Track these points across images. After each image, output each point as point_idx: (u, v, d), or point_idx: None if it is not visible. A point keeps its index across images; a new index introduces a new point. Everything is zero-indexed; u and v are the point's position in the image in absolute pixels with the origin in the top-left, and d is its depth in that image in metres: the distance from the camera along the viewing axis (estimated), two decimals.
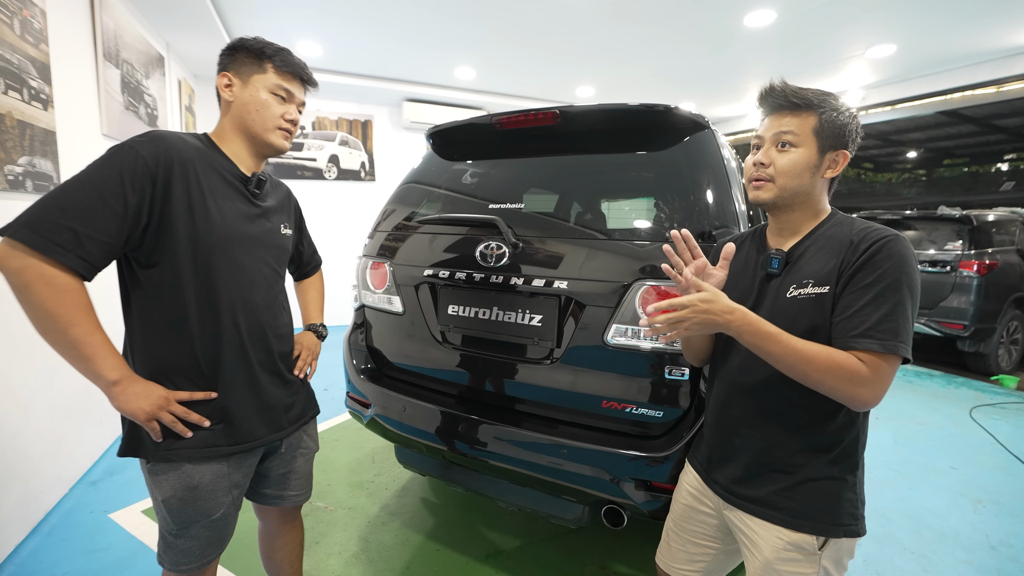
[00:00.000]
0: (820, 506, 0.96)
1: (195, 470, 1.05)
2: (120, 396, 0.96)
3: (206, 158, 1.06)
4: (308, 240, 1.49)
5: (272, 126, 1.12)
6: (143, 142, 0.97)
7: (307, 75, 1.17)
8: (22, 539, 1.97)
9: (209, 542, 1.10)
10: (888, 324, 0.86)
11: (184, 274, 1.02)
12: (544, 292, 1.54)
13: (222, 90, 1.11)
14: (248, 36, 1.12)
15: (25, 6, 2.02)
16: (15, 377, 1.94)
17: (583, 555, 1.96)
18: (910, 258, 0.89)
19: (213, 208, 1.04)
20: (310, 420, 1.33)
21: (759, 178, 1.00)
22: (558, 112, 1.64)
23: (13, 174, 1.92)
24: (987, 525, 2.21)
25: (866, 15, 3.81)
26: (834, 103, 0.96)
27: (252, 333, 1.11)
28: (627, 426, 1.46)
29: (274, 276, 1.19)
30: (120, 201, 0.92)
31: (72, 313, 0.90)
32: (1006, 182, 9.64)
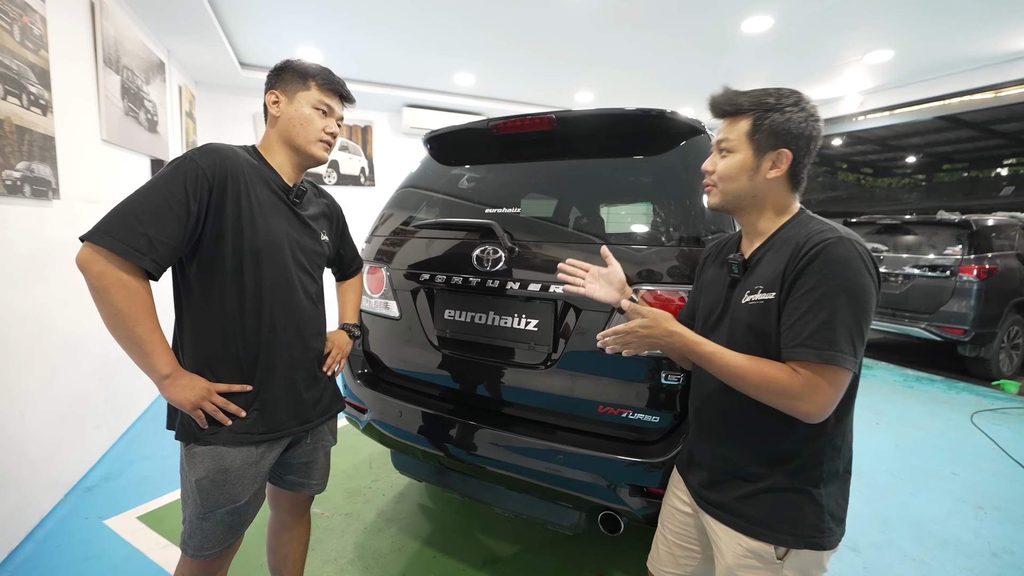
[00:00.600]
0: (778, 516, 0.95)
1: (228, 453, 1.13)
2: (170, 388, 1.05)
3: (255, 169, 1.15)
4: (350, 245, 1.56)
5: (315, 138, 1.21)
6: (202, 154, 1.07)
7: (346, 92, 1.27)
8: (16, 545, 1.96)
9: (230, 528, 1.17)
10: (825, 333, 0.84)
11: (230, 276, 1.11)
12: (540, 296, 1.54)
13: (270, 106, 1.21)
14: (295, 59, 1.25)
15: (25, 12, 2.03)
16: (12, 382, 1.94)
17: (580, 562, 1.94)
18: (851, 260, 0.85)
19: (259, 216, 1.13)
20: (335, 415, 1.40)
21: (706, 184, 1.05)
22: (555, 117, 1.64)
23: (11, 179, 1.93)
24: (989, 532, 2.20)
25: (863, 21, 3.83)
26: (772, 103, 0.94)
27: (288, 332, 1.20)
28: (623, 431, 1.45)
29: (310, 280, 1.27)
30: (184, 208, 1.02)
31: (140, 313, 0.99)
32: (1006, 187, 9.65)
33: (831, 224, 0.93)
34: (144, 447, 2.87)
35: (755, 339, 0.95)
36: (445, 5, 3.61)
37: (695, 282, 1.21)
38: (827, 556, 0.97)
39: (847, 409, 0.96)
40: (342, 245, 1.51)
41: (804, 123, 0.94)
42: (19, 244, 2.02)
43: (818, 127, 0.96)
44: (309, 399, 1.27)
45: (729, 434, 1.02)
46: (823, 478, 0.95)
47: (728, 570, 1.00)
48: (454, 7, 3.64)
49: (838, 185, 12.07)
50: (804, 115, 0.94)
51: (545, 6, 3.61)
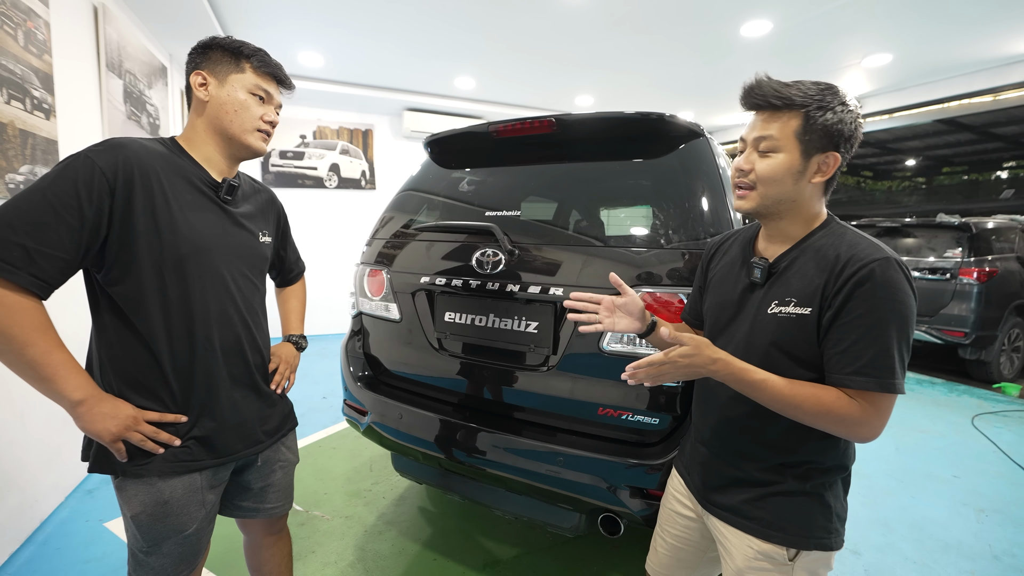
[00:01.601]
0: (790, 518, 0.95)
1: (166, 485, 1.00)
2: (85, 416, 0.91)
3: (172, 165, 1.01)
4: (292, 246, 1.43)
5: (251, 127, 1.08)
6: (100, 151, 0.92)
7: (284, 76, 1.13)
8: (16, 548, 1.96)
9: (182, 559, 1.05)
10: (884, 361, 0.82)
11: (150, 288, 0.97)
12: (540, 299, 1.55)
13: (196, 89, 1.05)
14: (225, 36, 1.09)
15: (29, 18, 2.05)
16: (12, 385, 1.94)
17: (580, 565, 1.94)
18: (901, 283, 0.83)
19: (180, 218, 0.99)
20: (288, 432, 1.28)
21: (740, 186, 0.95)
22: (554, 120, 1.65)
23: (14, 183, 1.94)
24: (990, 534, 2.19)
25: (862, 25, 3.85)
26: (823, 100, 0.87)
27: (227, 347, 1.07)
28: (623, 433, 1.46)
29: (251, 287, 1.14)
30: (76, 215, 0.87)
31: (27, 333, 0.85)
32: (1006, 190, 9.66)
33: (869, 238, 0.90)
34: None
35: (779, 350, 0.92)
36: (446, 9, 3.63)
37: (698, 278, 1.18)
38: (833, 555, 0.98)
39: None
40: (283, 246, 1.37)
41: (853, 124, 0.88)
42: None
43: (861, 126, 0.91)
44: (255, 419, 1.15)
45: (739, 440, 1.01)
46: (832, 481, 0.96)
47: (738, 572, 0.99)
48: (455, 11, 3.66)
49: (838, 188, 12.07)
50: (853, 116, 0.88)
51: (545, 10, 3.63)
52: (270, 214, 1.27)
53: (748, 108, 0.94)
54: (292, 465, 1.31)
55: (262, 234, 1.19)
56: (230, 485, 1.20)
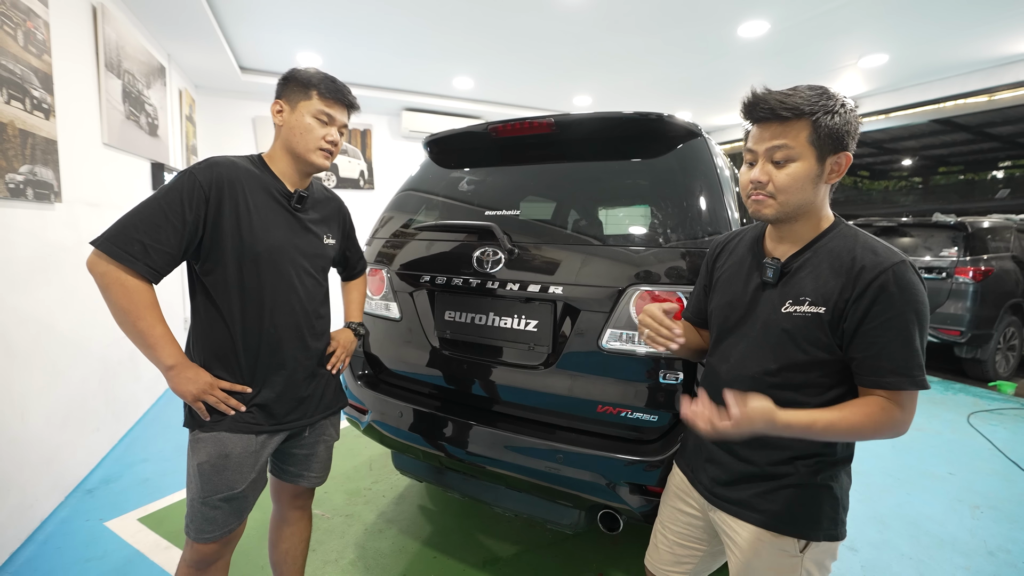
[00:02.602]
0: (801, 511, 0.97)
1: (229, 439, 1.20)
2: (174, 379, 1.13)
3: (255, 178, 1.22)
4: (356, 247, 1.59)
5: (314, 147, 1.24)
6: (201, 168, 1.15)
7: (349, 99, 1.28)
8: (17, 547, 1.96)
9: (230, 513, 1.23)
10: (915, 360, 0.88)
11: (231, 279, 1.18)
12: (540, 297, 1.56)
13: (274, 116, 1.25)
14: (302, 68, 1.26)
15: (29, 18, 2.05)
16: (14, 384, 1.95)
17: (580, 562, 1.95)
18: (918, 284, 0.89)
19: (258, 222, 1.19)
20: (337, 411, 1.45)
21: (757, 196, 0.95)
22: (553, 120, 1.67)
23: (14, 182, 1.94)
24: (985, 531, 2.21)
25: (858, 25, 3.87)
26: (827, 103, 0.88)
27: (288, 333, 1.26)
28: (622, 430, 1.47)
29: (313, 282, 1.32)
30: (180, 218, 1.10)
31: (139, 309, 1.09)
32: (1001, 189, 9.71)
33: (879, 241, 0.93)
34: (144, 449, 2.87)
35: (793, 346, 0.95)
36: (444, 10, 3.64)
37: (702, 277, 1.19)
38: (838, 545, 1.00)
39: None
40: (348, 247, 1.54)
41: (855, 122, 0.92)
42: (21, 247, 2.04)
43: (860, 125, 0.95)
44: (310, 395, 1.33)
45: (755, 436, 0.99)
46: (840, 473, 0.99)
47: (747, 564, 1.01)
48: (453, 12, 3.67)
49: (835, 188, 12.12)
50: (853, 115, 0.91)
51: (543, 11, 3.64)
52: (337, 219, 1.44)
53: (754, 121, 0.94)
54: (333, 441, 1.47)
55: (327, 237, 1.37)
56: (280, 452, 1.38)
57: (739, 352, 1.03)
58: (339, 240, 1.44)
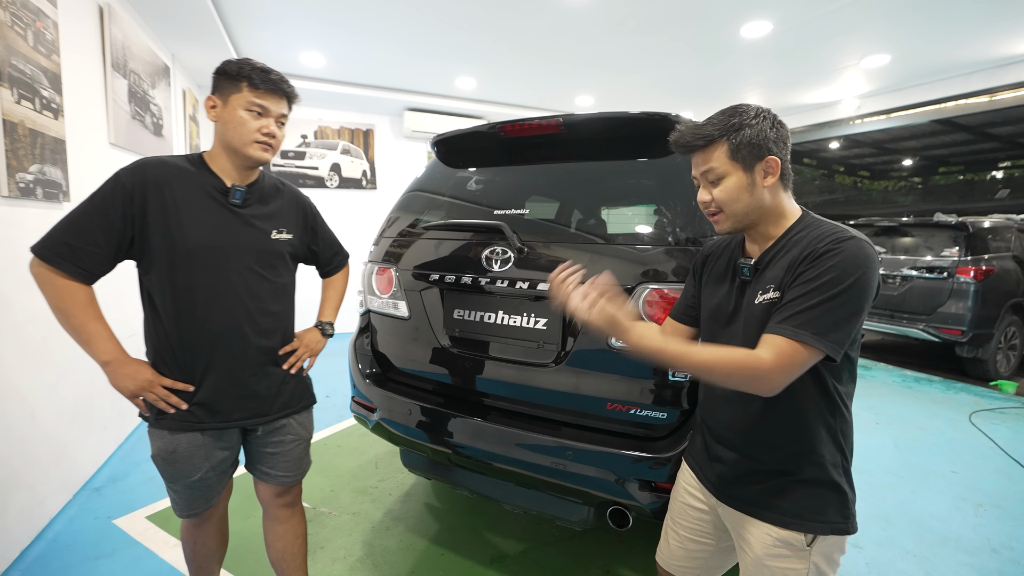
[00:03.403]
0: (808, 505, 0.99)
1: (173, 438, 1.24)
2: (111, 375, 1.17)
3: (188, 176, 1.22)
4: (326, 241, 1.56)
5: (249, 140, 1.21)
6: (127, 170, 1.17)
7: (283, 89, 1.24)
8: (27, 545, 1.97)
9: (193, 498, 1.31)
10: (810, 316, 0.87)
11: (165, 278, 1.19)
12: (549, 296, 1.57)
13: (208, 112, 1.24)
14: (235, 58, 1.23)
15: (38, 18, 2.06)
16: (23, 382, 1.96)
17: (587, 558, 1.97)
18: (861, 258, 0.89)
19: (187, 220, 1.19)
20: (302, 410, 1.44)
21: (711, 213, 1.05)
22: (562, 120, 1.68)
23: (24, 182, 1.95)
24: (988, 528, 2.23)
25: (860, 26, 3.89)
26: (736, 121, 0.97)
27: (227, 330, 1.24)
28: (632, 427, 1.48)
29: (257, 278, 1.29)
30: (105, 219, 1.13)
31: (70, 307, 1.12)
32: (1001, 189, 9.73)
33: (842, 226, 0.96)
34: (149, 448, 2.88)
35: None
36: (447, 10, 3.65)
37: (692, 279, 1.22)
38: (846, 539, 1.01)
39: (851, 397, 1.02)
40: (313, 241, 1.50)
41: (773, 127, 0.98)
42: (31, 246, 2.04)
43: (784, 125, 1.01)
44: (259, 394, 1.31)
45: (752, 432, 1.04)
46: (845, 467, 1.01)
47: (757, 560, 1.02)
48: (456, 12, 3.68)
49: (835, 188, 12.16)
50: (769, 122, 0.99)
51: (546, 11, 3.65)
52: (293, 213, 1.40)
53: (683, 154, 1.06)
54: (304, 440, 1.46)
55: (276, 231, 1.33)
56: (249, 449, 1.40)
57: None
58: (298, 235, 1.40)
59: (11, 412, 1.89)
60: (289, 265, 1.39)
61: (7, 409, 1.87)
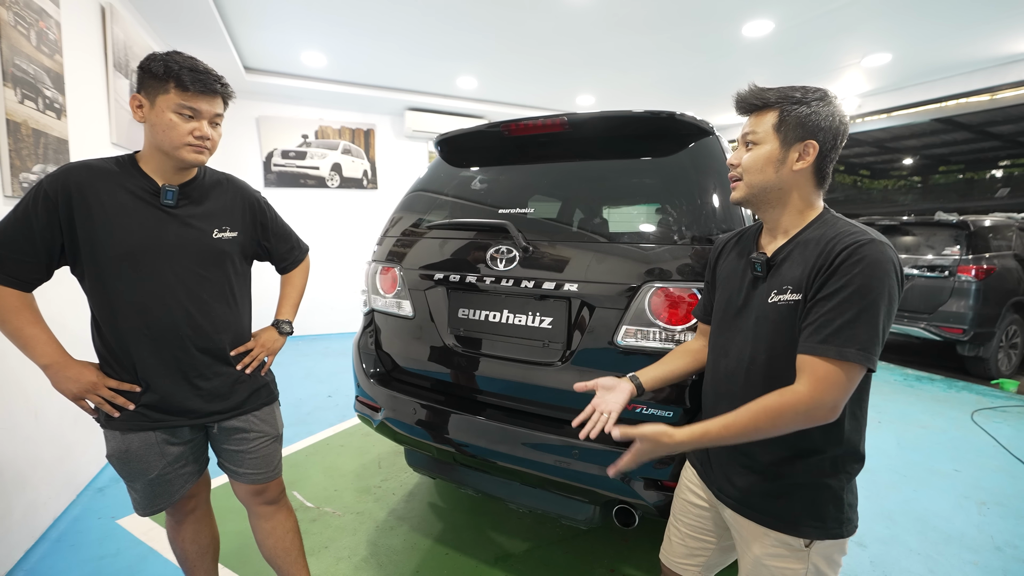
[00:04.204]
0: (803, 510, 0.98)
1: (124, 438, 1.24)
2: (52, 377, 1.17)
3: (114, 178, 1.17)
4: (279, 236, 1.49)
5: (180, 144, 1.15)
6: (49, 177, 1.14)
7: (214, 89, 1.16)
8: (31, 545, 1.97)
9: (154, 494, 1.30)
10: (849, 331, 0.84)
11: (97, 282, 1.18)
12: (554, 295, 1.57)
13: (134, 112, 1.16)
14: (159, 52, 1.14)
15: (41, 18, 2.06)
16: (27, 383, 1.96)
17: (592, 557, 1.97)
18: (885, 263, 0.86)
19: (116, 224, 1.15)
20: (262, 407, 1.41)
21: (732, 178, 1.04)
22: (566, 119, 1.68)
23: (28, 182, 1.95)
24: (992, 527, 2.23)
25: (862, 25, 3.89)
26: (798, 96, 0.95)
27: (166, 331, 1.22)
28: None
29: (197, 279, 1.25)
30: (29, 227, 1.11)
31: (5, 314, 1.13)
32: (1001, 188, 9.73)
33: (860, 226, 0.93)
34: None
35: (779, 337, 0.96)
36: (449, 10, 3.65)
37: (708, 275, 1.22)
38: (847, 540, 1.00)
39: (862, 403, 0.99)
40: (264, 237, 1.44)
41: (831, 117, 0.95)
42: None
43: (845, 122, 0.97)
44: (208, 393, 1.29)
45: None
46: (844, 471, 0.98)
47: (756, 560, 1.02)
48: (458, 12, 3.68)
49: (835, 187, 12.16)
50: (831, 109, 0.95)
51: (548, 11, 3.65)
52: (237, 209, 1.35)
53: (740, 113, 1.05)
54: (270, 437, 1.42)
55: (217, 230, 1.29)
56: (215, 449, 1.40)
57: (736, 346, 1.05)
58: (245, 231, 1.35)
59: (15, 412, 1.89)
60: (237, 264, 1.34)
61: (11, 409, 1.87)
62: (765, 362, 0.98)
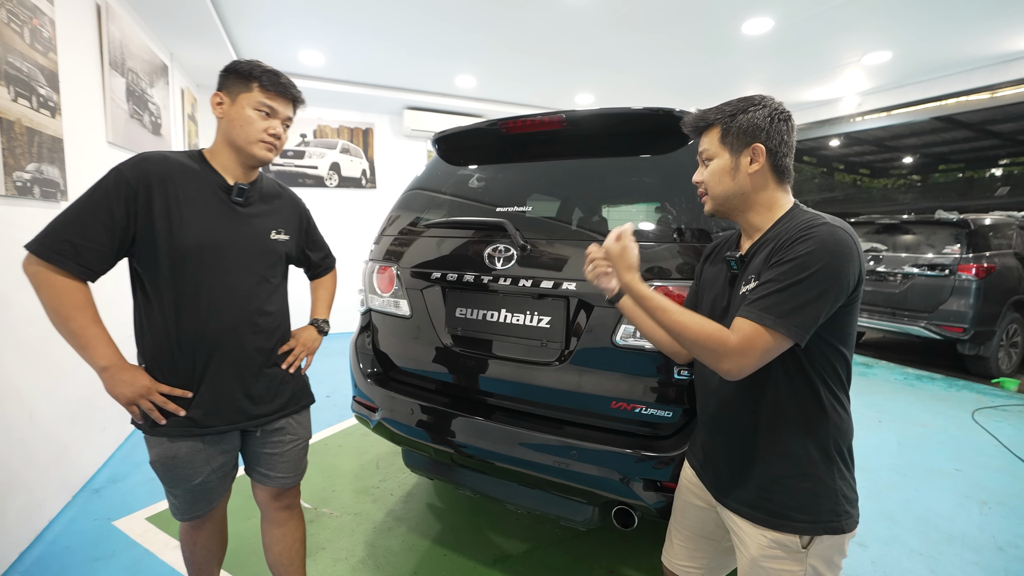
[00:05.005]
0: (796, 505, 0.97)
1: (172, 444, 1.22)
2: (108, 381, 1.13)
3: (190, 172, 1.20)
4: (317, 244, 1.55)
5: (255, 139, 1.21)
6: (129, 164, 1.14)
7: (292, 94, 1.26)
8: (26, 547, 1.96)
9: (195, 500, 1.29)
10: (774, 299, 0.88)
11: (165, 277, 1.16)
12: (552, 294, 1.56)
13: (214, 108, 1.23)
14: (244, 60, 1.24)
15: (35, 15, 2.04)
16: (21, 383, 1.94)
17: (591, 558, 1.95)
18: (832, 244, 0.88)
19: (190, 217, 1.17)
20: (301, 409, 1.42)
21: (700, 194, 1.10)
22: (564, 117, 1.66)
23: (22, 180, 1.94)
24: (994, 526, 2.21)
25: (862, 22, 3.87)
26: (736, 106, 1.01)
27: (227, 331, 1.22)
28: (636, 426, 1.47)
29: (256, 278, 1.27)
30: (108, 216, 1.10)
31: (69, 310, 1.08)
32: (1001, 187, 9.72)
33: (823, 215, 0.96)
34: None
35: None
36: (447, 8, 3.63)
37: (695, 279, 1.25)
38: (847, 540, 0.99)
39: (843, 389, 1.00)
40: (307, 244, 1.50)
41: (768, 117, 0.99)
42: None
43: (783, 118, 1.01)
44: (258, 395, 1.29)
45: (738, 429, 1.04)
46: (833, 462, 0.98)
47: (753, 561, 1.01)
48: (456, 11, 3.66)
49: (835, 186, 12.15)
50: (767, 111, 1.00)
51: (547, 9, 3.64)
52: (291, 216, 1.41)
53: (692, 137, 1.12)
54: (303, 440, 1.44)
55: (275, 232, 1.33)
56: (247, 452, 1.38)
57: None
58: (294, 237, 1.40)
59: (10, 413, 1.87)
60: (284, 266, 1.39)
61: (6, 410, 1.85)
62: None
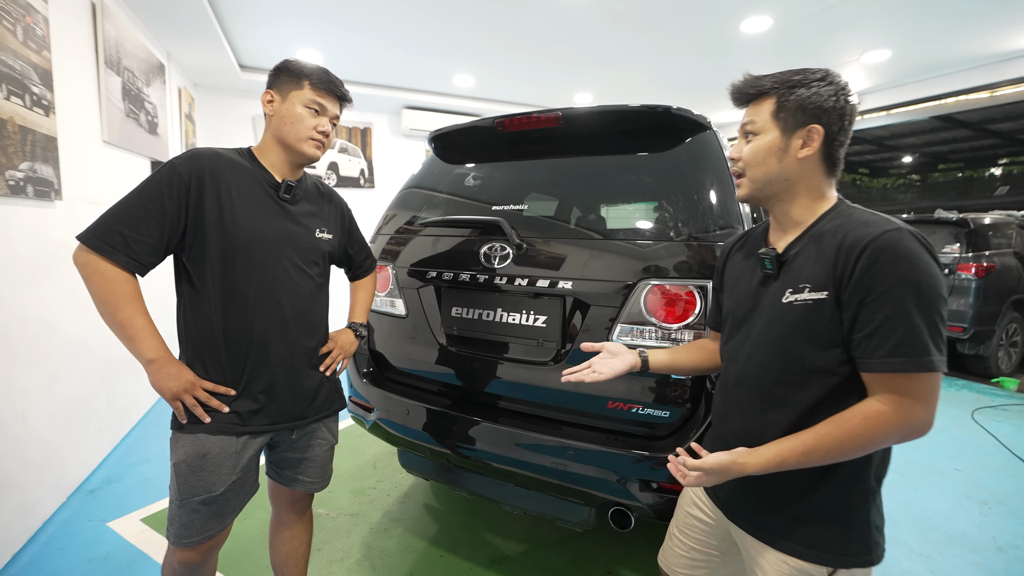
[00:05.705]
0: (827, 536, 0.89)
1: (207, 439, 1.16)
2: (155, 374, 1.11)
3: (241, 168, 1.20)
4: (360, 245, 1.55)
5: (305, 136, 1.22)
6: (182, 159, 1.14)
7: (342, 92, 1.28)
8: (19, 548, 1.94)
9: (209, 517, 1.19)
10: (916, 338, 0.77)
11: (214, 272, 1.15)
12: (549, 293, 1.54)
13: (265, 105, 1.24)
14: (294, 59, 1.26)
15: (28, 13, 2.02)
16: (14, 384, 1.93)
17: (588, 560, 1.94)
18: (918, 251, 0.78)
19: (240, 211, 1.16)
20: (333, 414, 1.41)
21: (735, 175, 0.98)
22: (560, 114, 1.65)
23: (14, 179, 1.92)
24: (994, 526, 2.20)
25: (861, 21, 3.86)
26: (797, 79, 0.89)
27: (273, 328, 1.21)
28: (633, 427, 1.45)
29: (303, 276, 1.27)
30: (160, 209, 1.09)
31: (118, 300, 1.07)
32: (1000, 186, 9.72)
33: (880, 214, 0.85)
34: (146, 449, 2.85)
35: (799, 339, 0.88)
36: (445, 7, 3.62)
37: (716, 279, 1.15)
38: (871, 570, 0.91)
39: None
40: (350, 244, 1.50)
41: (834, 96, 0.87)
42: (22, 245, 2.01)
43: (851, 101, 0.89)
44: (299, 395, 1.28)
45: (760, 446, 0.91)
46: (869, 492, 0.89)
47: None
48: (454, 9, 3.65)
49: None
50: (833, 88, 0.87)
51: (545, 8, 3.62)
52: (335, 215, 1.41)
53: (737, 106, 0.99)
54: (331, 445, 1.43)
55: (320, 231, 1.33)
56: (273, 454, 1.36)
57: (745, 351, 0.98)
58: (337, 236, 1.40)
59: (2, 413, 1.86)
60: (327, 265, 1.38)
61: None
62: (781, 367, 0.90)
